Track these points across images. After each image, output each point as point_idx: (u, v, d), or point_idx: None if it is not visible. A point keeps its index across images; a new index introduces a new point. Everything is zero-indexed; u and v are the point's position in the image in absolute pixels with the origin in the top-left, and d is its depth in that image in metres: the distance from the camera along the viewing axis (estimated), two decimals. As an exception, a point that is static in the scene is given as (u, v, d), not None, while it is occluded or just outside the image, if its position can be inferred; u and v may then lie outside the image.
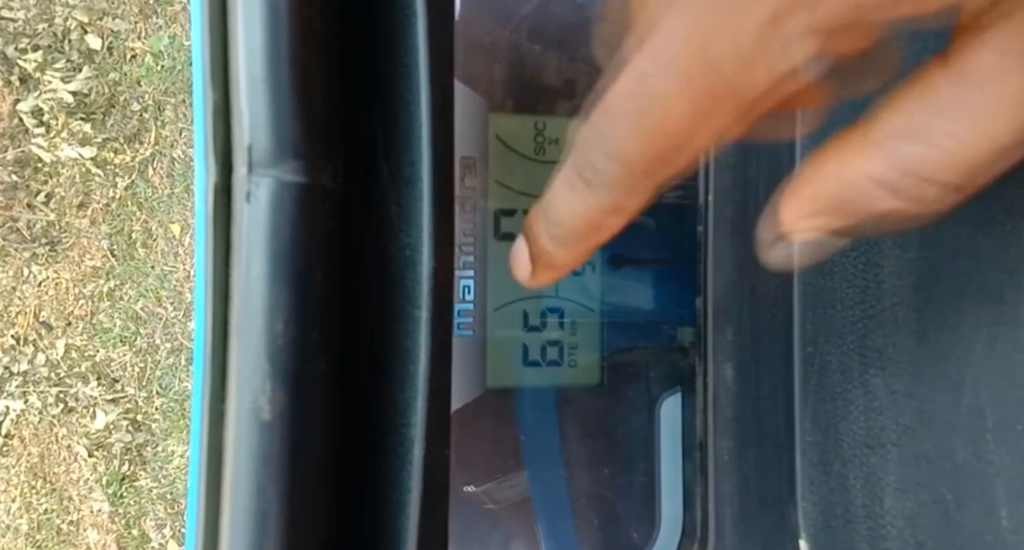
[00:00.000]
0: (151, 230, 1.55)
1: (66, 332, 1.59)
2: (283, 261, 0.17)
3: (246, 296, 0.17)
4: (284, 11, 0.17)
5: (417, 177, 0.20)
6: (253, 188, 0.17)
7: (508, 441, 0.38)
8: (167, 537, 1.52)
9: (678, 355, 0.38)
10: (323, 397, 0.18)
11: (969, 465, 0.28)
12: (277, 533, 0.17)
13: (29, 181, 1.59)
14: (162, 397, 1.55)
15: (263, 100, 0.17)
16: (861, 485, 0.33)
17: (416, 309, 0.20)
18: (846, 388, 0.34)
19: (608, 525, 0.39)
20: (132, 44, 1.55)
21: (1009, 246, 0.27)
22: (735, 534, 0.37)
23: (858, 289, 0.33)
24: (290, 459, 0.17)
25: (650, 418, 0.38)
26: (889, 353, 0.32)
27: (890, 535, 0.32)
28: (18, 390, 1.60)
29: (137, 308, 1.56)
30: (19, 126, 1.58)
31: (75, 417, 1.58)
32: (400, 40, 0.20)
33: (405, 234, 0.20)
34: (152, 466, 1.54)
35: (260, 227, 0.17)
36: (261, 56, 0.17)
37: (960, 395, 0.29)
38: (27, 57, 1.56)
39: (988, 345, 0.28)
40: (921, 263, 0.31)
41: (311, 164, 0.18)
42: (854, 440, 0.33)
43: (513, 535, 0.39)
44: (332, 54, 0.19)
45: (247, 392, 0.17)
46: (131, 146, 1.56)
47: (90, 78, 1.56)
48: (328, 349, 0.18)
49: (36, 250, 1.60)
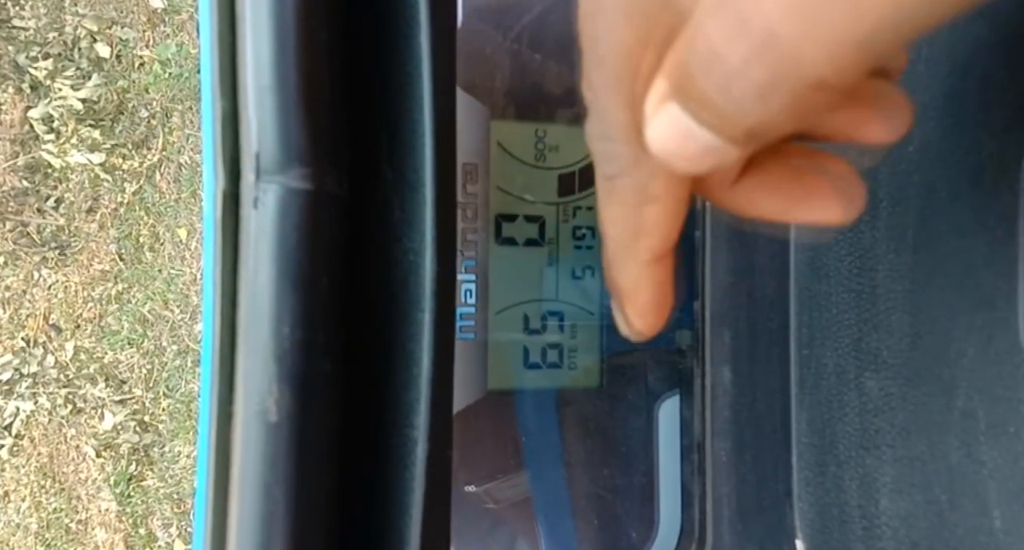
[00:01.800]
0: (158, 234, 1.55)
1: (75, 334, 1.59)
2: (290, 266, 0.17)
3: (253, 300, 0.17)
4: (291, 21, 0.17)
5: (420, 183, 0.20)
6: (261, 194, 0.17)
7: (509, 442, 0.38)
8: (174, 536, 1.52)
9: (676, 358, 0.38)
10: (329, 399, 0.18)
11: (963, 466, 0.28)
12: (284, 532, 0.17)
13: (39, 186, 1.59)
14: (169, 398, 1.55)
15: (270, 108, 0.17)
16: (856, 486, 0.33)
17: (419, 312, 0.20)
18: (841, 390, 0.34)
19: (608, 525, 0.39)
20: (140, 52, 1.56)
21: (1001, 252, 0.27)
22: (732, 534, 0.37)
23: (853, 293, 0.33)
24: (297, 460, 0.17)
25: (649, 419, 0.38)
26: (884, 356, 0.32)
27: (885, 535, 0.32)
28: (28, 391, 1.60)
29: (144, 311, 1.56)
30: (30, 132, 1.58)
31: (83, 418, 1.58)
32: (404, 49, 0.20)
33: (408, 239, 0.20)
34: (159, 466, 1.54)
35: (267, 232, 0.17)
36: (269, 65, 0.17)
37: (953, 398, 0.29)
38: (38, 65, 1.56)
39: (981, 349, 0.28)
40: (915, 268, 0.31)
41: (317, 171, 0.18)
42: (849, 441, 0.33)
43: (514, 534, 0.39)
44: (338, 63, 0.19)
45: (254, 394, 0.17)
46: (139, 152, 1.56)
47: (99, 85, 1.56)
48: (333, 352, 0.18)
49: (46, 254, 1.60)
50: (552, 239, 0.36)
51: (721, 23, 0.13)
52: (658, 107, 0.16)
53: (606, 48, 0.16)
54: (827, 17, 0.12)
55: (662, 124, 0.16)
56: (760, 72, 0.13)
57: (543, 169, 0.36)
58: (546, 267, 0.36)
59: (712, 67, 0.14)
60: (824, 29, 0.12)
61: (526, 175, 0.36)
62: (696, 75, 0.14)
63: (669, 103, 0.15)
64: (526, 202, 0.36)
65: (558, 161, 0.36)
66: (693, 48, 0.14)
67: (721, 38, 0.13)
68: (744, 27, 0.13)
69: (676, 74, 0.15)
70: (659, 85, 0.16)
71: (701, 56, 0.14)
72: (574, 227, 0.37)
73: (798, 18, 0.12)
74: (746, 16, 0.13)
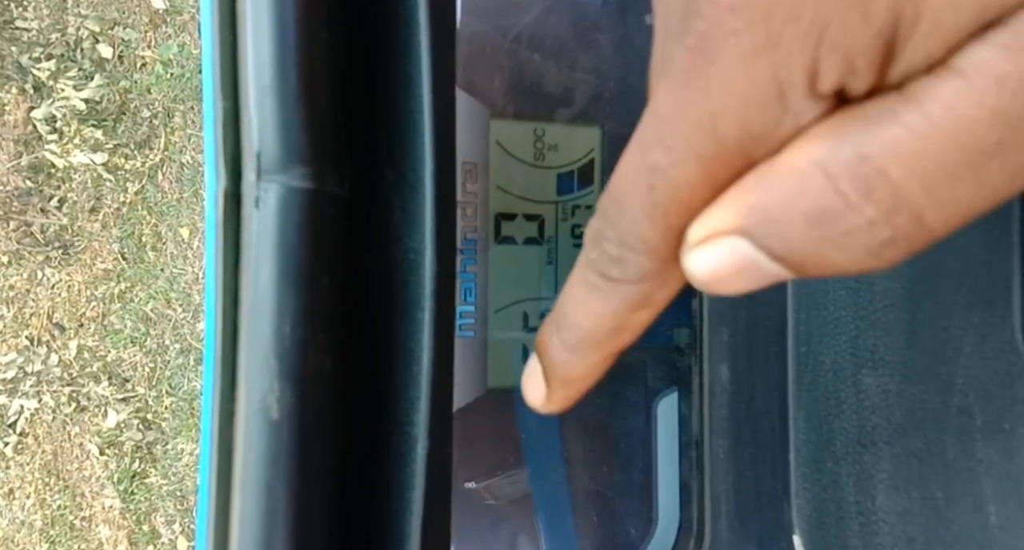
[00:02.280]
0: (161, 234, 1.56)
1: (78, 333, 1.60)
2: (291, 264, 0.17)
3: (255, 299, 0.17)
4: (292, 22, 0.17)
5: (420, 183, 0.20)
6: (262, 194, 0.17)
7: (508, 439, 0.38)
8: (176, 533, 1.52)
9: (675, 355, 0.38)
10: (330, 397, 0.18)
11: (959, 463, 0.28)
12: (286, 528, 0.17)
13: (43, 186, 1.59)
14: (171, 396, 1.55)
15: (271, 109, 0.17)
16: (853, 482, 0.33)
17: (419, 311, 0.20)
18: (839, 388, 0.34)
19: (607, 521, 0.39)
20: (142, 53, 1.56)
21: (998, 250, 0.27)
22: (731, 530, 0.37)
23: (850, 291, 0.33)
24: (298, 457, 0.17)
25: (647, 417, 0.38)
26: (881, 353, 0.32)
27: (882, 531, 0.32)
28: (32, 390, 1.60)
29: (147, 310, 1.56)
30: (33, 133, 1.58)
31: (87, 416, 1.58)
32: (404, 50, 0.20)
33: (408, 238, 0.20)
34: (162, 464, 1.55)
35: (269, 232, 0.17)
36: (270, 66, 0.17)
37: (950, 395, 0.29)
38: (41, 66, 1.56)
39: (977, 346, 0.28)
40: (912, 266, 0.31)
41: (318, 171, 0.18)
42: (847, 438, 0.33)
43: (514, 530, 0.39)
44: (338, 64, 0.19)
45: (256, 392, 0.17)
46: (141, 152, 1.56)
47: (102, 86, 1.56)
48: (334, 350, 0.18)
49: (49, 253, 1.60)
50: (551, 237, 0.36)
51: (843, 185, 0.14)
52: (716, 239, 0.15)
53: (664, 190, 0.16)
54: (957, 191, 0.13)
55: (719, 254, 0.15)
56: (884, 232, 0.14)
57: (542, 168, 0.36)
58: (545, 265, 0.36)
59: (830, 224, 0.14)
60: (951, 201, 0.13)
61: (525, 174, 0.36)
62: (796, 223, 0.14)
63: (734, 237, 0.15)
64: (525, 201, 0.36)
65: (557, 160, 0.36)
66: (798, 201, 0.14)
67: (841, 200, 0.14)
68: (872, 192, 0.14)
69: (758, 217, 0.15)
70: (717, 218, 0.15)
71: (812, 210, 0.14)
72: (573, 225, 0.37)
73: (930, 190, 0.13)
74: (873, 184, 0.13)
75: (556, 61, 0.37)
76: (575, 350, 0.19)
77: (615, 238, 0.17)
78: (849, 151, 0.13)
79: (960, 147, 0.13)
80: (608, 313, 0.18)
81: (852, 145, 0.13)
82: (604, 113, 0.37)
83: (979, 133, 0.13)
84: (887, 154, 0.13)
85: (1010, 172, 0.13)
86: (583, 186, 0.37)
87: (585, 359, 0.19)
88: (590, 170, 0.37)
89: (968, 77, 0.13)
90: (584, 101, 0.37)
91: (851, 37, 0.13)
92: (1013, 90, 0.12)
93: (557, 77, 0.37)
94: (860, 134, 0.13)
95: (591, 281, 0.18)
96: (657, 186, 0.15)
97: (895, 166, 0.13)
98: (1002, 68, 0.12)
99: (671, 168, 0.15)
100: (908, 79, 0.13)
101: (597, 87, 0.37)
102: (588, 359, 0.19)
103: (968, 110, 0.13)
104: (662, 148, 0.15)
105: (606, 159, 0.38)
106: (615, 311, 0.18)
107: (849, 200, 0.14)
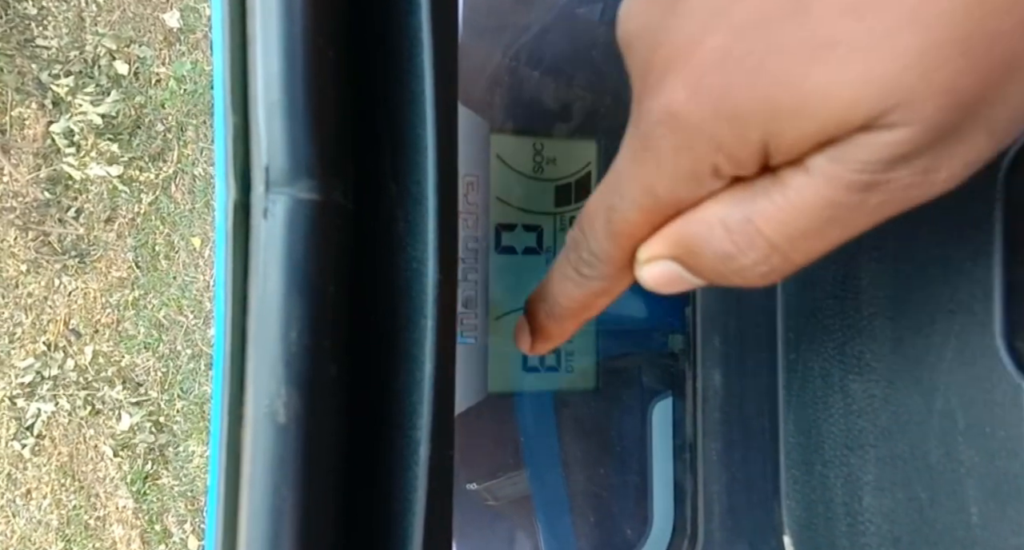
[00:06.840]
0: (173, 243, 1.56)
1: (94, 339, 1.59)
2: (297, 274, 0.17)
3: (263, 306, 0.17)
4: (300, 40, 0.17)
5: (423, 195, 0.20)
6: (270, 205, 0.17)
7: (509, 442, 0.38)
8: (188, 532, 1.52)
9: (669, 361, 0.38)
10: (335, 401, 0.18)
11: (941, 465, 0.28)
12: (292, 529, 0.17)
13: (60, 197, 1.60)
14: (183, 400, 1.54)
15: (280, 123, 0.17)
16: (841, 484, 0.33)
17: (422, 318, 0.20)
18: (827, 393, 0.34)
19: (603, 522, 0.39)
20: (157, 69, 1.56)
21: (978, 260, 0.27)
22: (723, 530, 0.37)
23: (837, 300, 0.33)
24: (304, 460, 0.17)
25: (643, 420, 0.38)
26: (867, 360, 0.32)
27: (868, 531, 0.32)
28: (49, 393, 1.60)
29: (160, 316, 1.56)
30: (51, 146, 1.59)
31: (102, 419, 1.58)
32: (408, 67, 0.20)
33: (412, 248, 0.20)
34: (174, 465, 1.54)
35: (276, 242, 0.17)
36: (278, 82, 0.17)
37: (933, 399, 0.29)
38: (59, 82, 1.56)
39: (958, 352, 0.28)
40: (896, 276, 0.31)
41: (324, 183, 0.18)
42: (834, 442, 0.33)
43: (513, 530, 0.39)
44: (344, 80, 0.19)
45: (263, 396, 0.17)
46: (155, 164, 1.56)
47: (118, 101, 1.56)
48: (339, 356, 0.18)
49: (66, 262, 1.60)
50: (550, 247, 0.36)
51: (736, 238, 0.19)
52: (655, 259, 0.21)
53: (618, 223, 0.21)
54: (809, 243, 0.19)
55: (659, 270, 0.22)
56: (763, 268, 0.19)
57: (541, 180, 0.36)
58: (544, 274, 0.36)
59: (728, 261, 0.20)
60: (806, 249, 0.19)
61: (525, 186, 0.36)
62: (707, 256, 0.20)
63: (667, 262, 0.21)
64: (525, 212, 0.36)
65: (555, 173, 0.36)
66: (708, 244, 0.20)
67: (735, 247, 0.19)
68: (753, 243, 0.19)
69: (683, 249, 0.20)
70: (656, 246, 0.21)
71: (716, 250, 0.20)
72: (570, 236, 0.36)
73: (792, 241, 0.19)
74: (754, 239, 0.19)
75: (554, 78, 0.37)
76: (553, 318, 0.26)
77: (586, 248, 0.23)
78: (739, 214, 0.19)
79: (808, 218, 0.18)
80: (579, 297, 0.24)
81: (741, 210, 0.19)
82: (600, 128, 0.37)
83: (817, 211, 0.18)
84: (762, 218, 0.19)
85: (842, 233, 0.18)
86: (580, 198, 0.37)
87: (560, 325, 0.26)
88: (587, 183, 0.37)
89: (811, 174, 0.17)
90: (581, 116, 0.37)
91: (737, 150, 0.18)
92: (837, 186, 0.17)
93: (555, 93, 0.37)
94: (747, 202, 0.19)
95: (569, 274, 0.24)
96: (613, 220, 0.21)
97: (768, 227, 0.19)
98: (832, 171, 0.17)
99: (623, 211, 0.21)
100: (780, 167, 0.18)
101: (594, 103, 0.37)
102: (563, 325, 0.26)
103: (811, 196, 0.18)
104: (618, 196, 0.21)
105: (602, 172, 0.38)
106: (584, 296, 0.24)
107: (740, 247, 0.19)
